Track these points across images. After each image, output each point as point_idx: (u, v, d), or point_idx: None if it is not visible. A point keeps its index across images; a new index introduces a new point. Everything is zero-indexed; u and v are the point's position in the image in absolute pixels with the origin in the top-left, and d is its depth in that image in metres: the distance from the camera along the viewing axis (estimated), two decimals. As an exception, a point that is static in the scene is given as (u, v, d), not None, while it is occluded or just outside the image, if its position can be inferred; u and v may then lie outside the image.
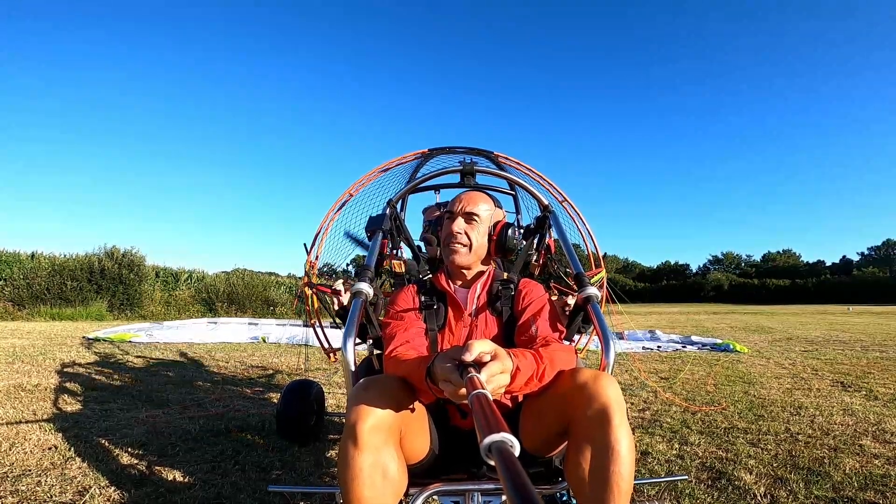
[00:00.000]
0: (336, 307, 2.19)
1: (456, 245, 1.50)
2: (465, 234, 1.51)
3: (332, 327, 3.33)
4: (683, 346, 7.44)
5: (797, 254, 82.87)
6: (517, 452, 0.53)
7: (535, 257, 1.98)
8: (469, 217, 1.52)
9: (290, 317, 13.94)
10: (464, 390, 0.87)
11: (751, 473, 2.11)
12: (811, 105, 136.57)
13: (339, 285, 2.19)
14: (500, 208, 1.67)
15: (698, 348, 7.22)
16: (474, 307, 1.50)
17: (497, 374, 0.92)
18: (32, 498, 1.81)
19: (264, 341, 7.99)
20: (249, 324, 10.56)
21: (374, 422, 1.05)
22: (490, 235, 1.57)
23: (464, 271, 1.54)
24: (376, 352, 1.51)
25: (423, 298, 1.51)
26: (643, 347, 7.31)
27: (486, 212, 1.56)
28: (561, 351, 1.24)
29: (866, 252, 79.53)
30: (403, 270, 2.00)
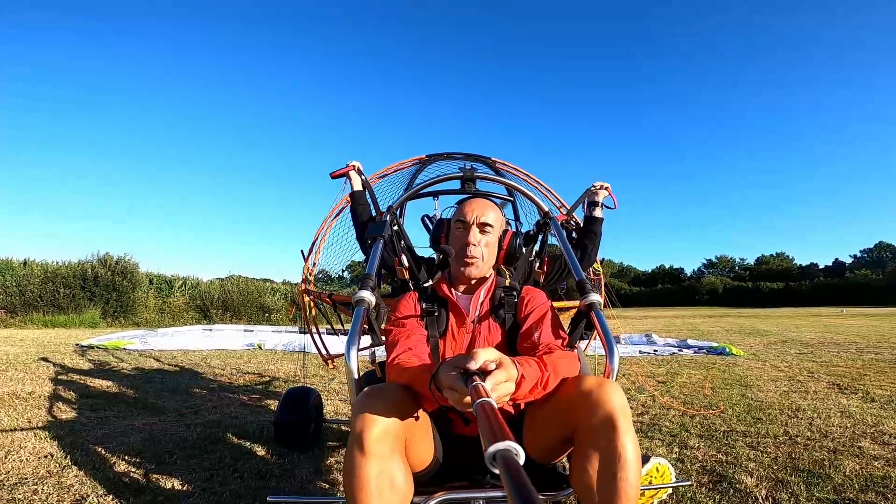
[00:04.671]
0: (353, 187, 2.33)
1: (472, 258, 1.49)
2: (481, 245, 1.51)
3: (328, 334, 3.32)
4: (680, 350, 7.46)
5: (790, 257, 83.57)
6: (522, 461, 0.53)
7: (537, 264, 1.98)
8: (483, 227, 1.52)
9: (286, 323, 13.86)
10: (469, 398, 0.87)
11: (751, 476, 2.12)
12: (805, 108, 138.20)
13: (354, 162, 2.32)
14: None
15: (694, 352, 7.24)
16: (477, 314, 1.50)
17: (502, 383, 0.92)
18: (29, 509, 1.79)
19: (260, 348, 7.93)
20: (245, 330, 10.51)
21: (381, 430, 1.04)
22: (500, 244, 1.58)
23: (472, 280, 1.54)
24: (378, 360, 1.51)
25: (424, 305, 1.50)
26: (640, 351, 7.33)
27: (497, 220, 1.57)
28: (564, 358, 1.24)
29: (858, 254, 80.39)
30: (408, 277, 1.99)
